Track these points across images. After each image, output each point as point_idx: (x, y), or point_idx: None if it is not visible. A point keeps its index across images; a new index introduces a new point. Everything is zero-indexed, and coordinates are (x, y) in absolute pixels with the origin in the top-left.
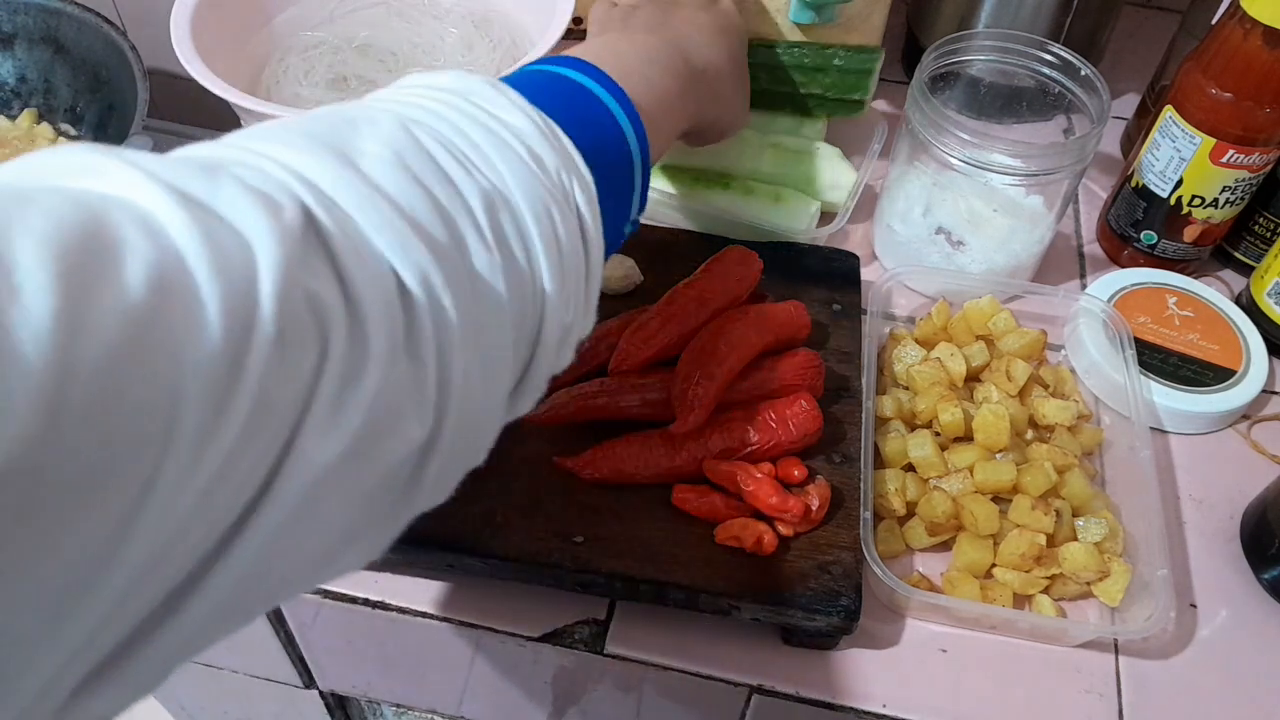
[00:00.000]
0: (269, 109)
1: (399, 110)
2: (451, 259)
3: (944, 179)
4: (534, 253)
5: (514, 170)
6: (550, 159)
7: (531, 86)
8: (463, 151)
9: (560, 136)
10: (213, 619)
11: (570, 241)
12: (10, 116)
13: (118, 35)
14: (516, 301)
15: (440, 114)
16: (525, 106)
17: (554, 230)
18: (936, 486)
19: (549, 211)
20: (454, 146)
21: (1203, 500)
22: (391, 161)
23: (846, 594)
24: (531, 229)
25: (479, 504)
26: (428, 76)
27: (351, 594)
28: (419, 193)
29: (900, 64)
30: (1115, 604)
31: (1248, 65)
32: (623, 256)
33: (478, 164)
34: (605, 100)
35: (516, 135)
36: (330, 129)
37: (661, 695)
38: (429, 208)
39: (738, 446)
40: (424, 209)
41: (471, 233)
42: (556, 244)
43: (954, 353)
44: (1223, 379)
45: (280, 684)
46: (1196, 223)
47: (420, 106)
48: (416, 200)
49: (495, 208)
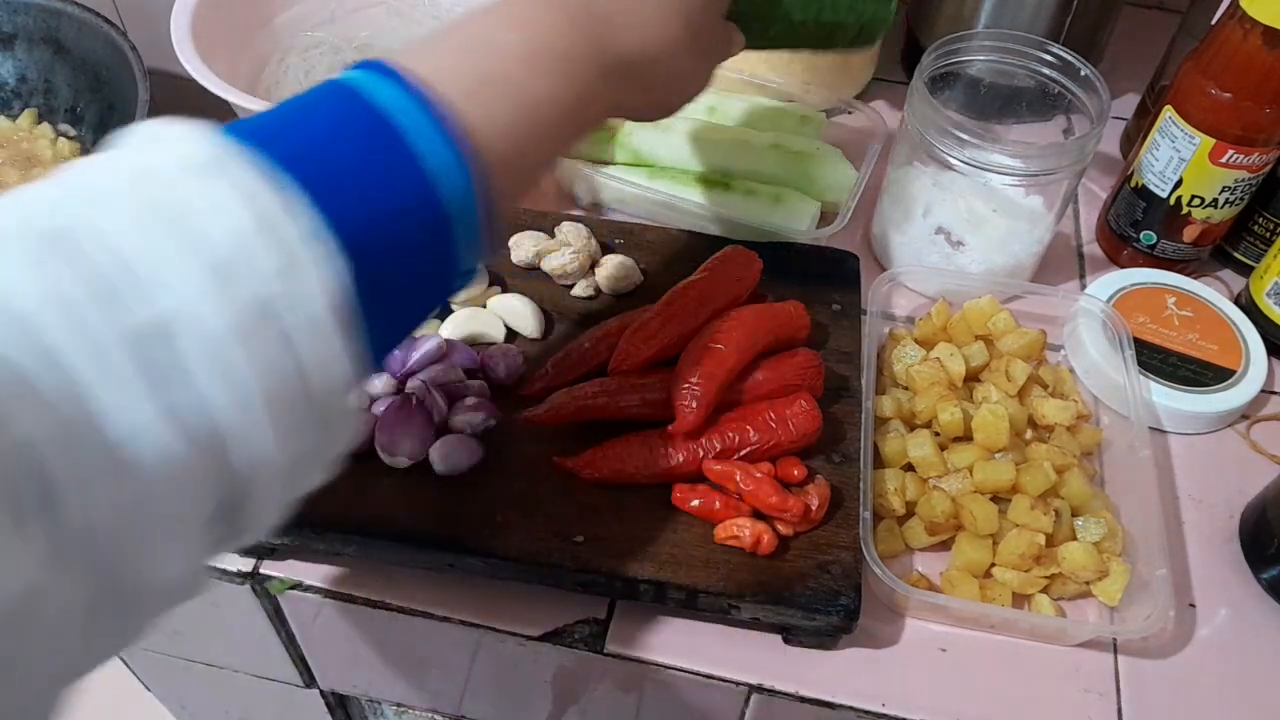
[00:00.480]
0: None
1: (60, 210)
2: (65, 414)
3: (944, 179)
4: (227, 386)
5: (200, 287)
6: (265, 263)
7: (309, 132)
8: (127, 268)
9: (290, 227)
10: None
11: (287, 364)
12: (10, 116)
13: (118, 35)
14: (196, 445)
15: (117, 212)
16: (247, 190)
17: (260, 354)
18: (936, 486)
19: (252, 332)
20: (115, 263)
21: (1202, 500)
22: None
23: (846, 593)
24: (222, 358)
25: (479, 504)
26: (146, 141)
27: (351, 594)
28: (19, 336)
29: (900, 64)
30: (1114, 604)
31: (1248, 65)
32: (623, 257)
33: (146, 283)
34: (415, 147)
35: (212, 241)
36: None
37: (661, 695)
38: (32, 355)
39: (738, 446)
40: (24, 357)
41: (99, 381)
42: (263, 370)
43: (953, 353)
44: (1222, 379)
45: (281, 683)
46: (1196, 223)
47: (97, 199)
48: (15, 345)
49: (158, 342)
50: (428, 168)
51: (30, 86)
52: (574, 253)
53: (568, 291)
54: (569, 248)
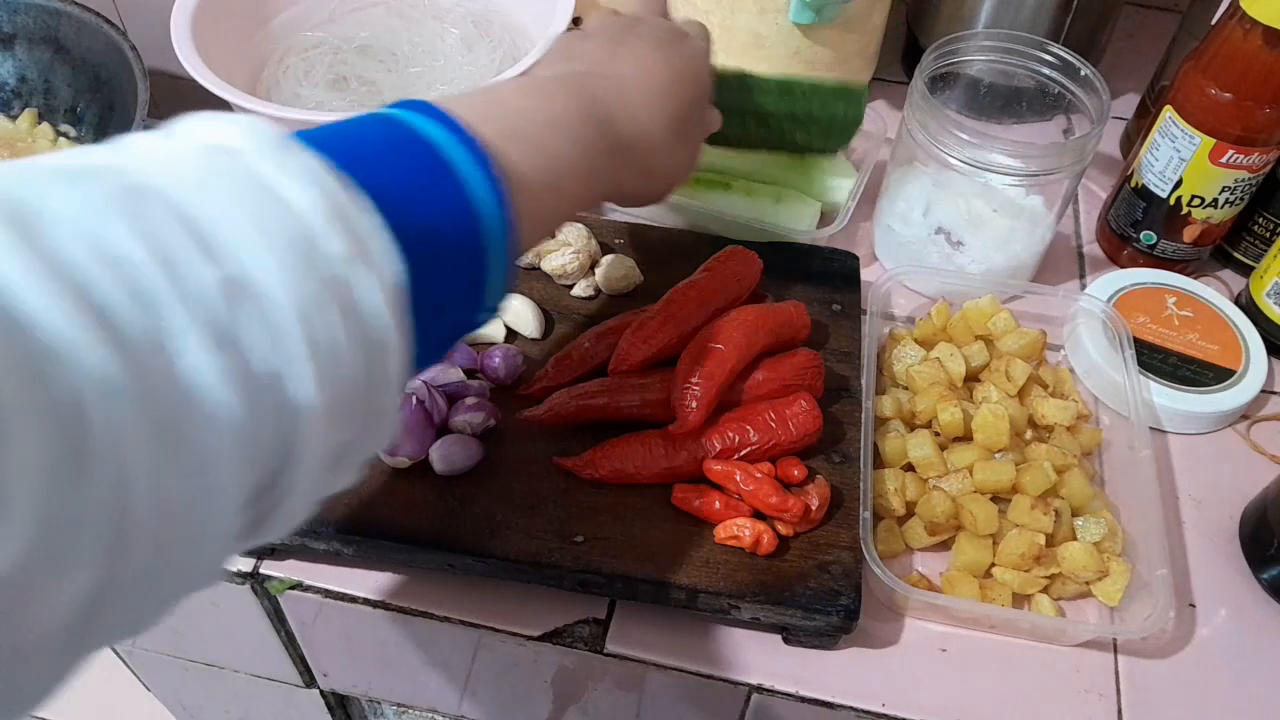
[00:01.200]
0: (269, 109)
1: (134, 170)
2: (142, 359)
3: (944, 179)
4: (287, 357)
5: (276, 257)
6: (335, 245)
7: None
8: (206, 228)
9: (359, 217)
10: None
11: (347, 347)
12: (10, 116)
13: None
14: (252, 412)
15: (194, 178)
16: (319, 175)
17: (322, 333)
18: (936, 486)
19: (319, 309)
20: (194, 222)
21: (1202, 500)
22: (82, 233)
23: (846, 594)
24: (288, 329)
25: (479, 504)
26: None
27: (351, 594)
28: (110, 275)
29: (900, 64)
30: (1114, 604)
31: (1248, 65)
32: (623, 257)
33: (224, 245)
34: (460, 174)
35: (289, 213)
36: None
37: (661, 695)
38: (123, 293)
39: (738, 446)
40: (115, 294)
41: (184, 329)
42: (324, 349)
43: (953, 353)
44: (1222, 379)
45: (281, 683)
46: (1196, 223)
47: (172, 166)
48: (106, 282)
49: (234, 301)
50: (471, 195)
51: (30, 86)
52: (574, 253)
53: (568, 291)
54: (569, 248)
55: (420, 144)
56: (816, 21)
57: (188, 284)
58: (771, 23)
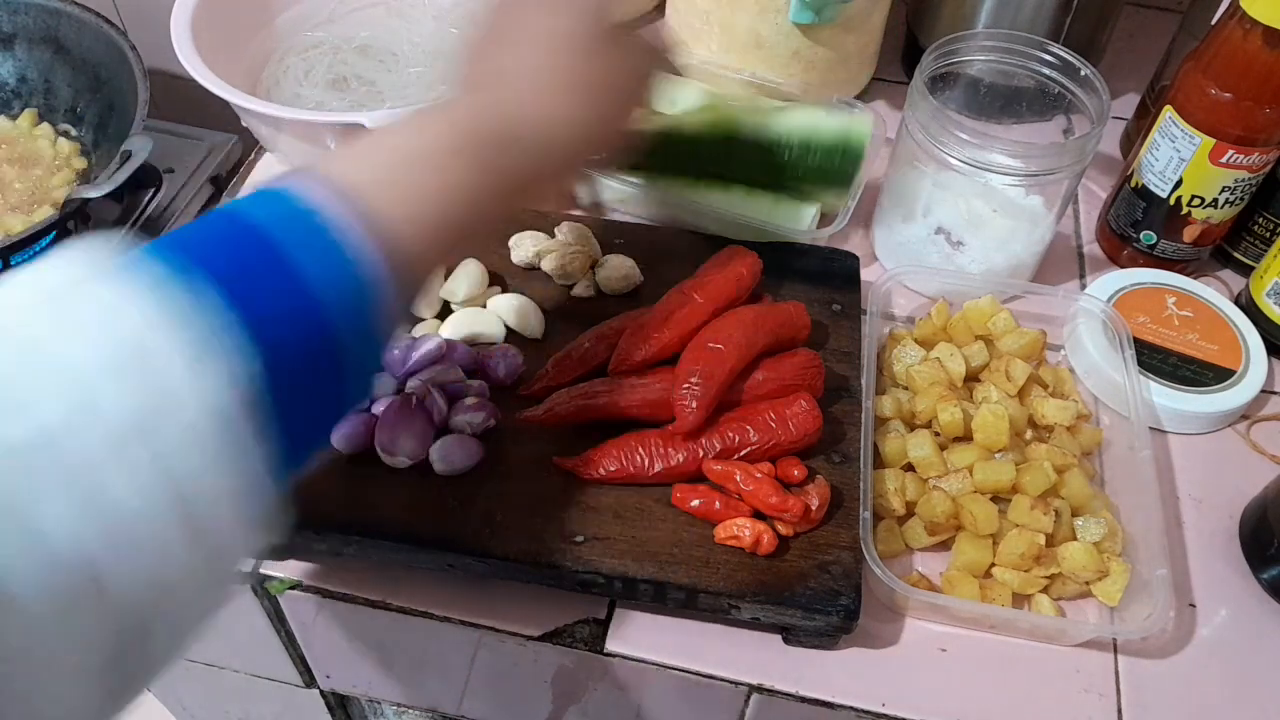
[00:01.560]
0: (269, 109)
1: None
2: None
3: (944, 179)
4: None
5: (64, 415)
6: (124, 399)
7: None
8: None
9: (159, 360)
10: None
11: (138, 501)
12: (10, 116)
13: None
14: (67, 575)
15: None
16: (125, 313)
17: (104, 491)
18: (936, 486)
19: (94, 469)
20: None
21: (1202, 500)
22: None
23: (846, 594)
24: (64, 491)
25: (479, 504)
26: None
27: (351, 594)
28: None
29: (900, 64)
30: (1114, 604)
31: (1248, 65)
32: (623, 257)
33: (19, 403)
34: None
35: (75, 372)
36: None
37: (661, 695)
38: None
39: (738, 446)
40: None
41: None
42: (107, 507)
43: (953, 353)
44: (1222, 379)
45: (281, 683)
46: (1196, 223)
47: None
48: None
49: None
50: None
51: (30, 86)
52: (574, 253)
53: (568, 291)
54: (569, 248)
55: (248, 232)
56: (816, 21)
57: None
58: (771, 23)
